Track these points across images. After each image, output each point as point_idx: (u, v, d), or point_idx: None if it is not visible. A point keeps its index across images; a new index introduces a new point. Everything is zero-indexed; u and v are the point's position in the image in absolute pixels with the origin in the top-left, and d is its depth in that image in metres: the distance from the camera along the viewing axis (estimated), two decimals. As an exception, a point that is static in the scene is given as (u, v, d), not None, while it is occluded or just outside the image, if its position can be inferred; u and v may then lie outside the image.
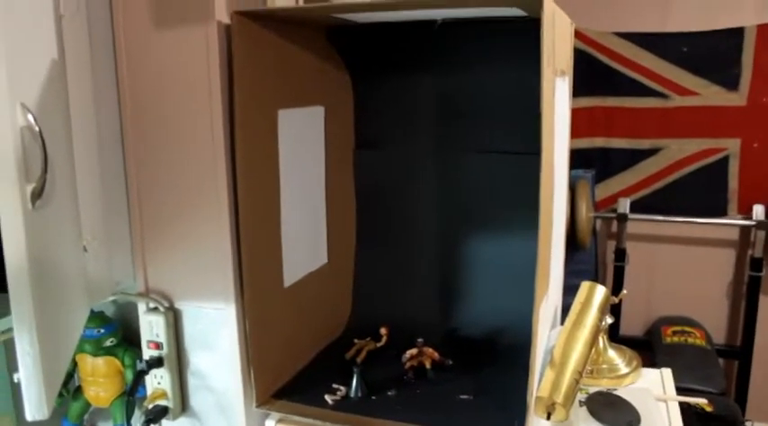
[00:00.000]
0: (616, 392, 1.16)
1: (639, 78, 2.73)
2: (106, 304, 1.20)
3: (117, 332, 1.19)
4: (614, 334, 2.70)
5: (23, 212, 0.76)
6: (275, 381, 1.16)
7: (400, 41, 1.31)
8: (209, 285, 1.08)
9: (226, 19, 1.00)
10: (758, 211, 2.63)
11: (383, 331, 1.29)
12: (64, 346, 0.88)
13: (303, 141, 1.22)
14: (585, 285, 1.16)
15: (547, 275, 0.99)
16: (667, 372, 1.27)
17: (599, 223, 2.90)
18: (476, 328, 1.34)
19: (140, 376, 1.11)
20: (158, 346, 1.11)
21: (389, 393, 1.14)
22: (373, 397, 1.12)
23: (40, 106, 0.80)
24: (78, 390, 1.23)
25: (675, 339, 2.61)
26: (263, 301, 1.11)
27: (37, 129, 0.77)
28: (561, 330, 1.09)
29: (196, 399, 1.15)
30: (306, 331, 1.27)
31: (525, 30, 0.96)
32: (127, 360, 1.18)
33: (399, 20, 1.17)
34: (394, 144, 1.39)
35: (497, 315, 1.32)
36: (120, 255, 1.10)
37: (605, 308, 1.14)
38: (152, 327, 1.11)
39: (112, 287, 1.10)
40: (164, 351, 1.11)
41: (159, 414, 1.13)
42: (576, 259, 2.66)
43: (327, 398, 1.11)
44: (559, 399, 0.97)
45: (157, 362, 1.11)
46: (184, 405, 1.16)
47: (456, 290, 1.38)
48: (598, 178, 2.83)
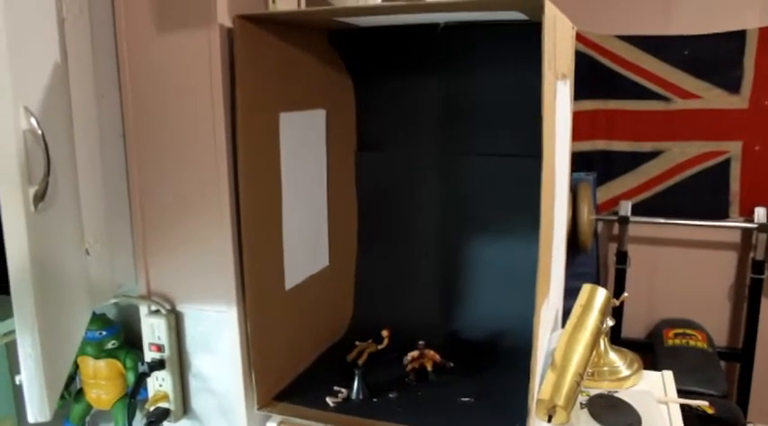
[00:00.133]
0: (617, 394, 1.16)
1: (641, 81, 2.73)
2: (108, 306, 1.20)
3: (119, 334, 1.19)
4: (616, 337, 2.70)
5: (26, 215, 0.76)
6: (276, 383, 1.16)
7: (402, 45, 1.31)
8: (210, 287, 1.08)
9: (228, 22, 1.00)
10: (760, 214, 2.63)
11: (384, 333, 1.29)
12: (66, 348, 0.88)
13: (305, 144, 1.22)
14: (587, 287, 1.16)
15: (548, 278, 0.99)
16: (669, 374, 1.27)
17: (600, 225, 2.90)
18: (477, 331, 1.34)
19: (142, 378, 1.11)
20: (160, 348, 1.11)
21: (391, 395, 1.14)
22: (374, 399, 1.12)
23: (43, 109, 0.81)
24: (80, 392, 1.23)
25: (677, 341, 2.61)
26: (265, 304, 1.11)
27: (39, 132, 0.77)
28: (562, 332, 1.09)
29: (197, 401, 1.15)
30: (307, 333, 1.27)
31: (527, 33, 0.96)
32: (128, 363, 1.18)
33: (401, 23, 1.17)
34: (396, 147, 1.39)
35: (499, 318, 1.32)
36: (121, 258, 1.10)
37: (606, 311, 1.14)
38: (154, 330, 1.11)
39: (114, 289, 1.10)
40: (165, 354, 1.11)
41: (161, 417, 1.13)
42: (578, 261, 2.66)
43: (329, 400, 1.11)
44: (560, 401, 0.97)
45: (159, 365, 1.11)
46: (186, 408, 1.16)
47: (457, 293, 1.39)
48: (600, 181, 2.83)
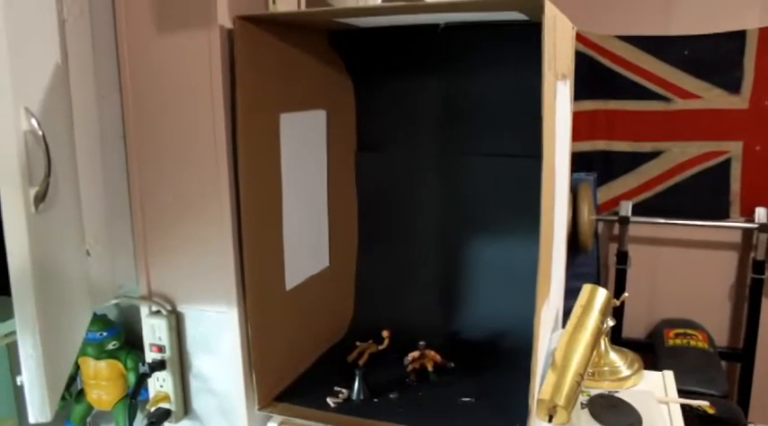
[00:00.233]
0: (618, 394, 1.16)
1: (641, 81, 2.73)
2: (109, 307, 1.20)
3: (119, 335, 1.19)
4: (617, 337, 2.70)
5: (26, 216, 0.76)
6: (277, 384, 1.16)
7: (402, 45, 1.31)
8: (211, 288, 1.08)
9: (228, 23, 1.00)
10: (760, 214, 2.63)
11: (385, 333, 1.29)
12: (67, 349, 0.88)
13: (305, 145, 1.22)
14: (587, 288, 1.16)
15: (548, 278, 0.99)
16: (669, 375, 1.27)
17: (601, 226, 2.90)
18: (477, 331, 1.34)
19: (143, 379, 1.11)
20: (161, 349, 1.11)
21: (391, 395, 1.14)
22: (375, 400, 1.12)
23: (44, 110, 0.81)
24: (81, 393, 1.23)
25: (678, 341, 2.61)
26: (265, 304, 1.11)
27: (40, 133, 0.77)
28: (563, 333, 1.09)
29: (198, 402, 1.15)
30: (308, 334, 1.27)
31: (527, 34, 0.96)
32: (129, 363, 1.18)
33: (401, 24, 1.17)
34: (396, 147, 1.40)
35: (499, 318, 1.32)
36: (122, 259, 1.10)
37: (607, 311, 1.14)
38: (154, 330, 1.11)
39: (115, 290, 1.10)
40: (166, 354, 1.11)
41: (161, 417, 1.13)
42: (578, 262, 2.66)
43: (329, 401, 1.11)
44: (561, 401, 0.97)
45: (160, 365, 1.11)
46: (187, 408, 1.16)
47: (458, 293, 1.39)
48: (600, 181, 2.83)
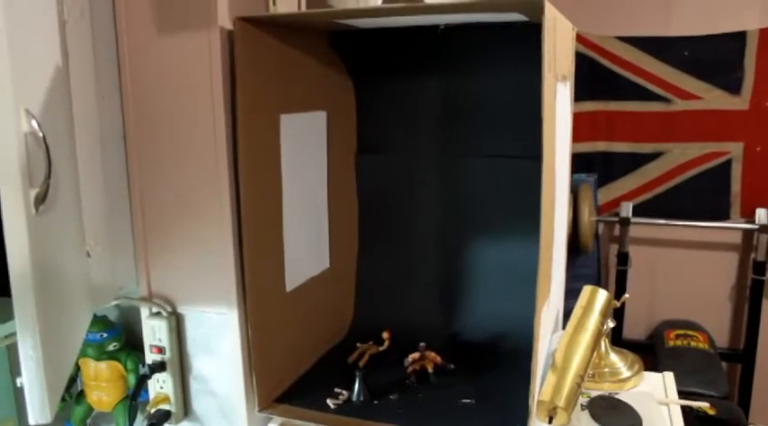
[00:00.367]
0: (618, 396, 1.16)
1: (641, 82, 2.73)
2: (109, 308, 1.20)
3: (120, 336, 1.19)
4: (617, 338, 2.70)
5: (27, 217, 0.76)
6: (277, 385, 1.16)
7: (402, 46, 1.32)
8: (211, 289, 1.08)
9: (228, 25, 1.00)
10: (761, 215, 2.63)
11: (385, 335, 1.29)
12: (67, 350, 0.88)
13: (305, 146, 1.22)
14: (587, 289, 1.16)
15: (548, 280, 0.99)
16: (669, 376, 1.27)
17: (601, 227, 2.90)
18: (478, 332, 1.34)
19: (143, 380, 1.11)
20: (161, 350, 1.11)
21: (392, 397, 1.14)
22: (375, 401, 1.12)
23: (44, 112, 0.81)
24: (81, 394, 1.23)
25: (678, 342, 2.61)
26: (266, 305, 1.11)
27: (41, 135, 0.77)
28: (563, 334, 1.09)
29: (198, 403, 1.15)
30: (308, 335, 1.27)
31: (527, 35, 0.96)
32: (129, 365, 1.18)
33: (401, 25, 1.17)
34: (396, 148, 1.40)
35: (499, 320, 1.32)
36: (122, 260, 1.10)
37: (607, 312, 1.14)
38: (155, 332, 1.11)
39: (115, 291, 1.10)
40: (166, 356, 1.11)
41: (162, 419, 1.13)
42: (579, 263, 2.66)
43: (330, 402, 1.11)
44: (561, 403, 0.97)
45: (160, 367, 1.11)
46: (187, 410, 1.16)
47: (458, 294, 1.39)
48: (600, 182, 2.83)
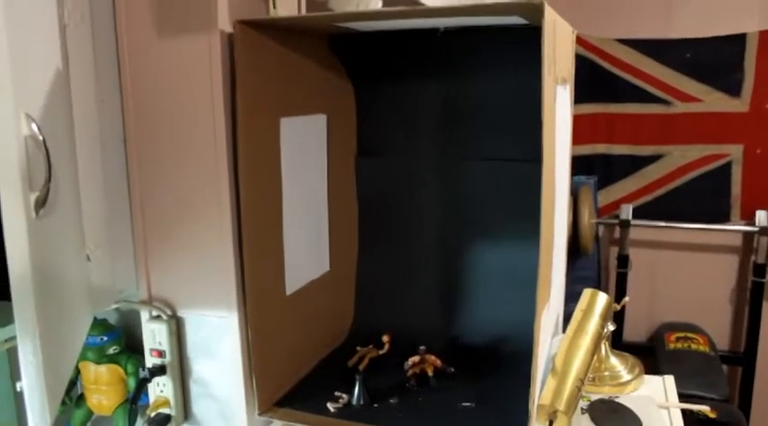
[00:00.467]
0: (618, 399, 1.16)
1: (641, 84, 2.73)
2: (109, 311, 1.20)
3: (120, 339, 1.19)
4: (617, 340, 2.70)
5: (27, 221, 0.76)
6: (278, 389, 1.16)
7: (402, 49, 1.32)
8: (211, 293, 1.08)
9: (228, 28, 1.00)
10: (761, 217, 2.63)
11: (385, 338, 1.29)
12: (67, 355, 0.88)
13: (305, 149, 1.22)
14: (587, 292, 1.16)
15: (548, 283, 0.99)
16: (670, 379, 1.27)
17: (601, 229, 2.90)
18: (478, 336, 1.34)
19: (143, 384, 1.11)
20: (161, 354, 1.11)
21: (391, 400, 1.13)
22: (375, 405, 1.12)
23: (44, 115, 0.81)
24: (81, 398, 1.23)
25: (679, 345, 2.61)
26: (266, 309, 1.11)
27: (41, 139, 0.77)
28: (563, 337, 1.09)
29: (198, 407, 1.15)
30: (308, 338, 1.27)
31: (527, 38, 0.96)
32: (130, 368, 1.18)
33: (401, 28, 1.18)
34: (396, 151, 1.39)
35: (499, 323, 1.31)
36: (123, 263, 1.10)
37: (607, 315, 1.14)
38: (155, 335, 1.11)
39: (115, 295, 1.10)
40: (166, 359, 1.11)
41: (162, 422, 1.13)
42: (579, 265, 2.66)
43: (329, 406, 1.11)
44: (561, 407, 0.97)
45: (160, 370, 1.11)
46: (187, 413, 1.16)
47: (458, 298, 1.38)
48: (600, 184, 2.83)
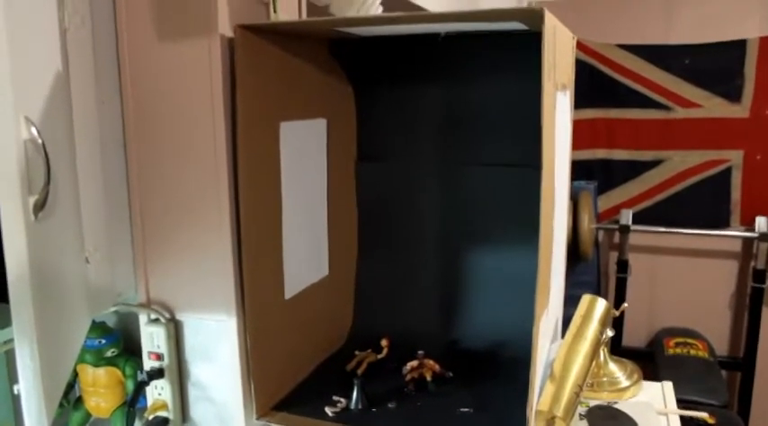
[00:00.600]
0: (617, 405, 1.16)
1: (642, 90, 2.73)
2: (108, 314, 1.20)
3: (118, 342, 1.19)
4: (616, 346, 2.70)
5: (26, 224, 0.76)
6: (276, 393, 1.16)
7: (402, 54, 1.32)
8: (210, 296, 1.08)
9: (229, 32, 1.00)
10: (761, 223, 2.63)
11: (384, 343, 1.29)
12: (65, 358, 0.88)
13: (305, 153, 1.22)
14: (586, 298, 1.16)
15: (547, 289, 0.99)
16: (668, 385, 1.27)
17: (601, 234, 2.90)
18: (477, 340, 1.34)
19: (141, 387, 1.11)
20: (159, 357, 1.11)
21: (390, 405, 1.13)
22: (374, 409, 1.12)
23: (44, 119, 0.81)
24: (79, 400, 1.23)
25: (678, 350, 2.61)
26: (264, 313, 1.11)
27: (40, 142, 0.77)
28: (562, 343, 1.09)
29: (196, 410, 1.15)
30: (306, 342, 1.27)
31: (527, 43, 0.96)
32: (128, 371, 1.18)
33: (401, 33, 1.18)
34: (396, 156, 1.39)
35: (498, 328, 1.31)
36: (121, 266, 1.10)
37: (606, 321, 1.14)
38: (153, 338, 1.11)
39: (114, 298, 1.10)
40: (164, 362, 1.11)
41: (160, 425, 1.13)
42: (579, 270, 2.66)
43: (328, 410, 1.11)
44: (559, 413, 0.97)
45: (158, 373, 1.11)
46: (185, 416, 1.16)
47: (457, 302, 1.38)
48: (600, 189, 2.83)
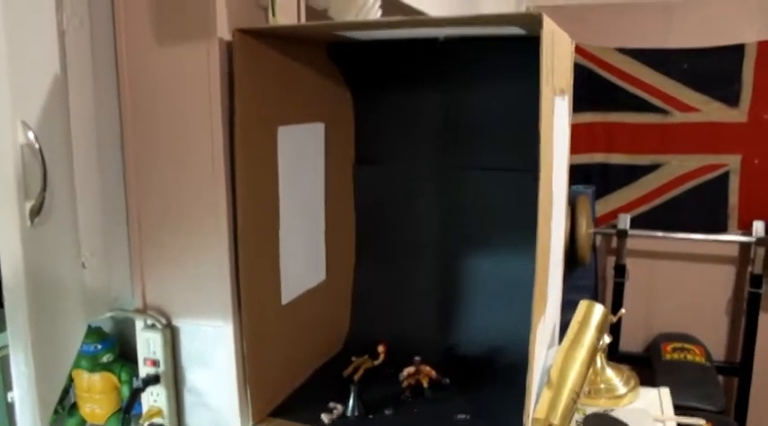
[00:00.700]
0: (613, 412, 1.15)
1: (640, 94, 2.74)
2: (104, 319, 1.19)
3: (114, 348, 1.19)
4: (614, 351, 2.70)
5: (21, 229, 0.76)
6: (272, 399, 1.15)
7: (401, 58, 1.31)
8: (206, 302, 1.08)
9: (227, 36, 1.00)
10: (758, 228, 2.63)
11: (381, 348, 1.28)
12: (59, 364, 0.87)
13: (303, 157, 1.22)
14: (584, 304, 1.16)
15: (544, 296, 0.99)
16: (665, 392, 1.27)
17: (599, 239, 2.90)
18: (474, 346, 1.33)
19: (136, 393, 1.10)
20: (155, 363, 1.10)
21: (386, 411, 1.13)
22: (370, 416, 1.11)
23: (41, 123, 0.81)
24: (74, 406, 1.22)
25: (675, 356, 2.61)
26: (261, 318, 1.10)
27: (37, 147, 0.77)
28: (559, 349, 1.09)
29: (192, 417, 1.14)
30: (303, 348, 1.26)
31: (526, 48, 0.96)
32: (123, 377, 1.17)
33: (400, 38, 1.17)
34: (394, 160, 1.39)
35: (496, 334, 1.31)
36: (118, 271, 1.09)
37: (603, 328, 1.13)
38: (149, 344, 1.10)
39: (110, 303, 1.10)
40: (160, 369, 1.10)
41: (155, 432, 1.12)
42: (576, 275, 2.66)
43: (324, 417, 1.10)
44: (556, 420, 0.96)
45: (154, 379, 1.10)
46: (180, 423, 1.15)
47: (454, 308, 1.38)
48: (598, 194, 2.83)
